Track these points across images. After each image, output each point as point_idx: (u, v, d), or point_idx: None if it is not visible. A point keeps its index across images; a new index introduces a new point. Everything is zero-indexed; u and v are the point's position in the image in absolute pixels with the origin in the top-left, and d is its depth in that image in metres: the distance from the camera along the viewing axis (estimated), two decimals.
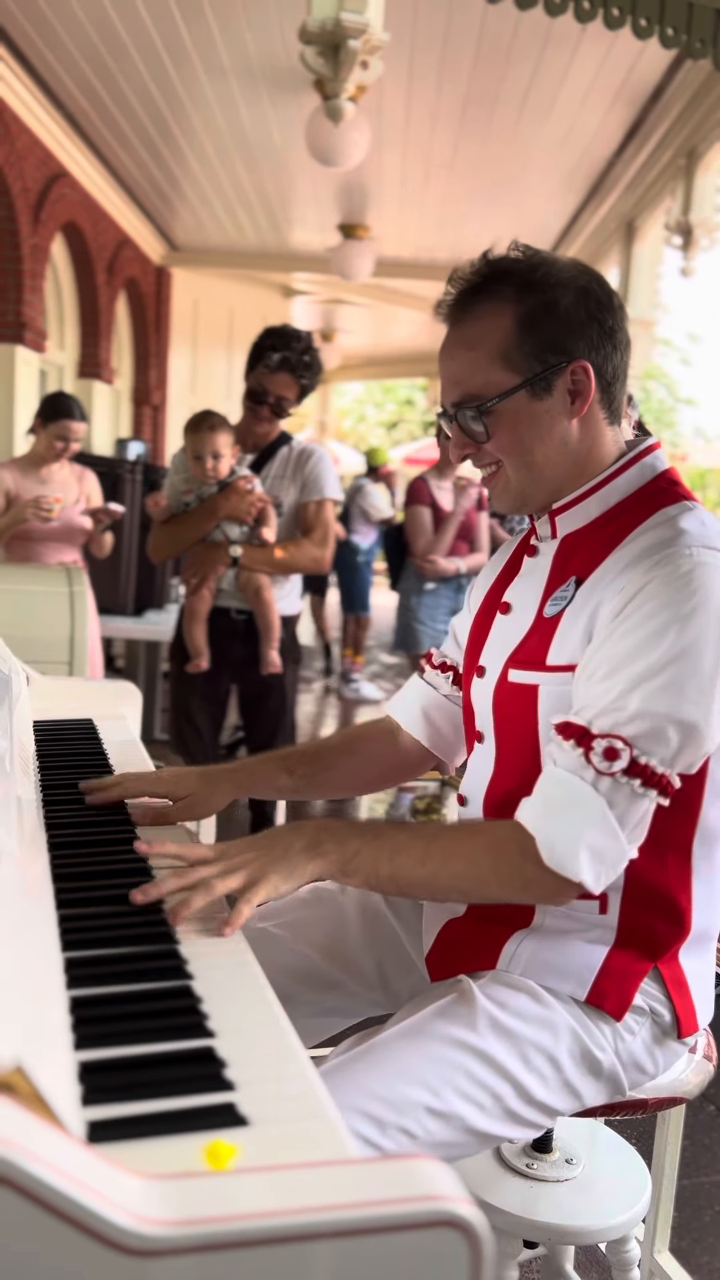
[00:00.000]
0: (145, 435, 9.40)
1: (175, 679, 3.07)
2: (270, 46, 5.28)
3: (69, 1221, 0.51)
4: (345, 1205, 0.54)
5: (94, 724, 1.77)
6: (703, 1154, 2.39)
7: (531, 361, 1.17)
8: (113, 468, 4.95)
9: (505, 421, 1.19)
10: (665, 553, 1.09)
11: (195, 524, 2.87)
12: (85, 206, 7.45)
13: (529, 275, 1.18)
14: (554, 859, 1.06)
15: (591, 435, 1.22)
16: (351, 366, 15.04)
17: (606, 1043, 1.18)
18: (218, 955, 0.95)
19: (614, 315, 1.20)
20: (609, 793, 1.05)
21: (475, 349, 1.19)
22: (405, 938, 1.38)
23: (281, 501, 2.93)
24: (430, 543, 4.61)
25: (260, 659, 2.92)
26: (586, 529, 1.22)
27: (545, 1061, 1.15)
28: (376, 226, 8.28)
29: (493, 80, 5.56)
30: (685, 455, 23.35)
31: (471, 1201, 0.55)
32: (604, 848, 1.06)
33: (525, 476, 1.22)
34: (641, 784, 1.05)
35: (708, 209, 6.17)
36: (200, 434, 2.80)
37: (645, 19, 2.79)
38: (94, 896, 1.04)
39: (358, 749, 1.50)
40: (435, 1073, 1.09)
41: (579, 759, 1.06)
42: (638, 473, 1.22)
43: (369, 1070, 1.08)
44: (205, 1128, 0.68)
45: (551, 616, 1.19)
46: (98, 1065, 0.75)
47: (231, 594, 2.93)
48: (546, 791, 1.09)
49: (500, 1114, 1.12)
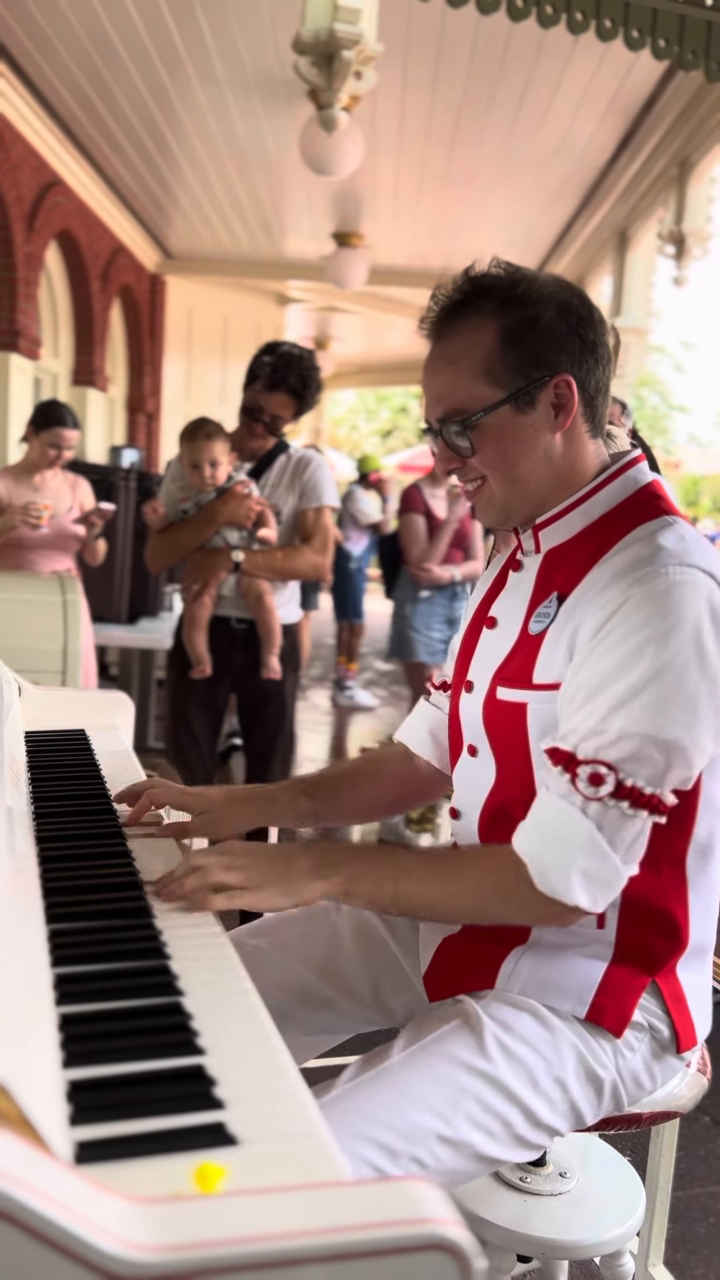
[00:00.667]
0: (139, 443, 9.40)
1: (173, 687, 3.06)
2: (264, 56, 5.29)
3: (55, 1248, 0.50)
4: (335, 1229, 0.54)
5: (86, 734, 1.76)
6: (698, 1165, 2.38)
7: (514, 376, 1.17)
8: (107, 475, 4.96)
9: (490, 436, 1.19)
10: (643, 571, 1.09)
11: (194, 531, 2.86)
12: (80, 214, 7.45)
13: (510, 291, 1.18)
14: (546, 884, 1.06)
15: (574, 448, 1.22)
16: (346, 374, 15.06)
17: (608, 1060, 1.18)
18: (209, 971, 0.94)
19: (595, 330, 1.21)
20: (597, 816, 1.05)
21: (458, 364, 1.19)
22: (401, 955, 1.37)
23: (280, 509, 2.92)
24: (424, 551, 4.61)
25: (261, 665, 2.91)
26: (569, 543, 1.22)
27: (554, 1084, 1.14)
28: (370, 235, 8.30)
29: (486, 90, 5.58)
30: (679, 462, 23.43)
31: (462, 1224, 0.55)
32: (596, 870, 1.06)
33: (509, 490, 1.22)
34: (630, 805, 1.05)
35: (700, 219, 6.19)
36: (196, 442, 2.80)
37: (637, 30, 2.80)
38: (85, 911, 1.04)
39: (376, 773, 1.49)
40: (446, 1099, 1.08)
41: (566, 785, 1.07)
42: (620, 486, 1.22)
43: (378, 1098, 1.07)
44: (195, 1147, 0.68)
45: (536, 634, 1.19)
46: (86, 1084, 0.74)
47: (232, 602, 2.92)
48: (538, 817, 1.10)
49: (509, 1139, 1.12)
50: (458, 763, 1.33)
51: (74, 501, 3.95)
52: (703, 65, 2.96)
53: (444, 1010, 1.18)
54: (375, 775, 1.49)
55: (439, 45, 5.08)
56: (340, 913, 1.41)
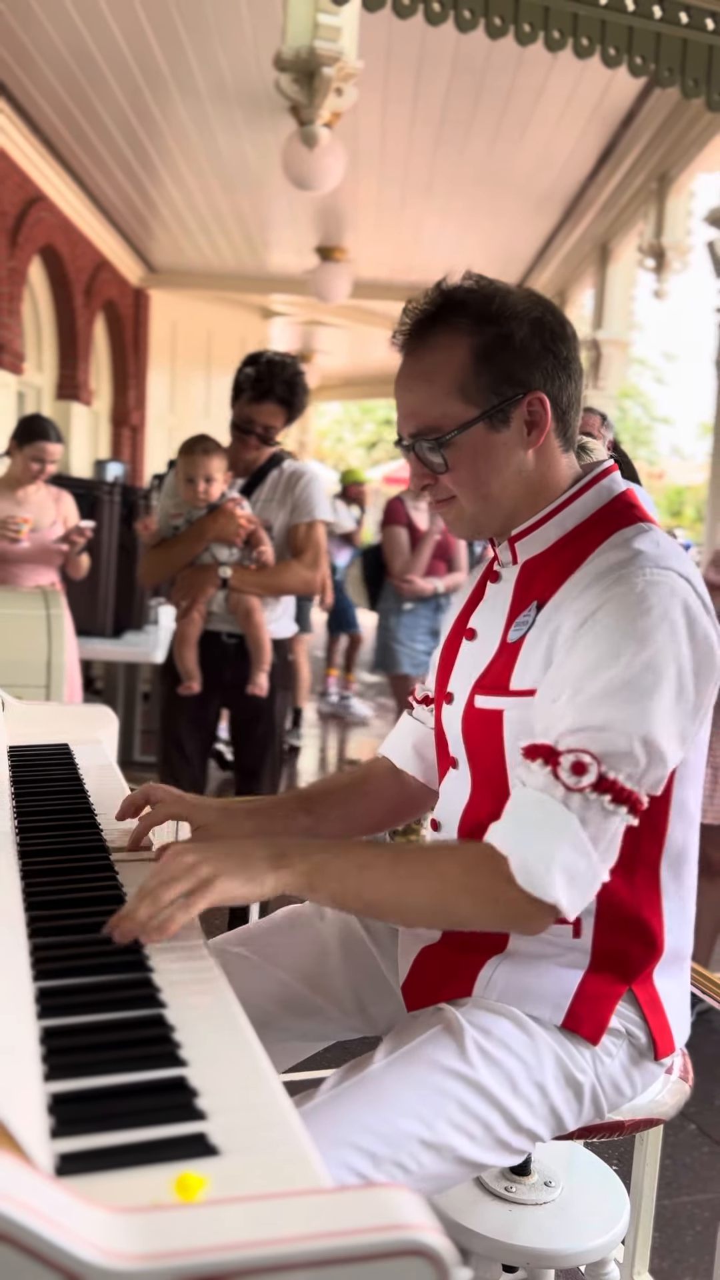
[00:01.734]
0: (124, 456, 9.40)
1: (164, 703, 3.05)
2: (246, 72, 5.33)
3: (37, 1258, 0.51)
4: (314, 1236, 0.54)
5: (70, 749, 1.76)
6: (684, 1173, 2.38)
7: (488, 394, 1.18)
8: (91, 489, 4.95)
9: (463, 454, 1.20)
10: (620, 574, 1.10)
11: (184, 547, 2.87)
12: (63, 229, 7.47)
13: (484, 307, 1.19)
14: (528, 880, 1.04)
15: (546, 463, 1.23)
16: (330, 387, 15.11)
17: (587, 1066, 1.18)
18: (191, 983, 0.94)
19: (568, 345, 1.21)
20: (580, 810, 1.04)
21: (432, 381, 1.20)
22: (383, 964, 1.37)
23: (271, 524, 2.93)
24: (407, 563, 4.63)
25: (248, 680, 2.91)
26: (546, 554, 1.23)
27: (533, 1088, 1.14)
28: (353, 249, 8.34)
29: (466, 106, 5.63)
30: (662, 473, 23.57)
31: (440, 1229, 0.56)
32: (578, 868, 1.04)
33: (480, 507, 1.23)
34: (611, 800, 1.05)
35: (679, 232, 6.26)
36: (194, 457, 2.81)
37: (614, 48, 2.83)
38: (67, 925, 1.04)
39: (367, 788, 1.49)
40: (427, 1103, 1.09)
41: (547, 777, 1.06)
42: (594, 496, 1.23)
43: (361, 1104, 1.07)
44: (176, 1158, 0.68)
45: (514, 642, 1.20)
46: (69, 1096, 0.75)
47: (223, 617, 2.92)
48: (516, 812, 1.08)
49: (491, 1143, 1.12)
50: (444, 776, 1.34)
51: (57, 516, 3.96)
52: (679, 82, 3.00)
53: (425, 1017, 1.19)
54: (365, 791, 1.49)
55: (419, 62, 5.12)
56: (325, 921, 1.42)
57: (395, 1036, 1.17)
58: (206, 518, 2.84)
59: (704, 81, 2.95)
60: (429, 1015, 1.19)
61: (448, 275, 1.23)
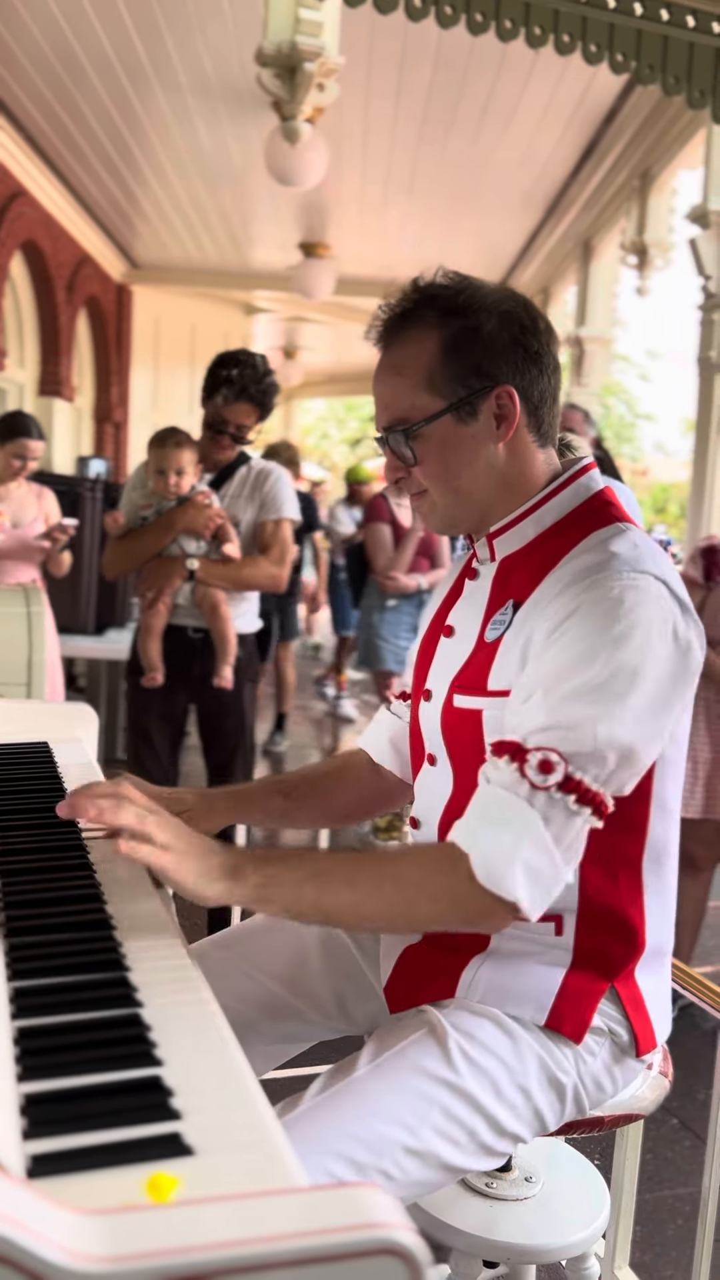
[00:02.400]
0: (107, 453, 9.36)
1: (132, 698, 3.05)
2: (227, 67, 5.31)
3: (3, 1261, 0.50)
4: (285, 1235, 0.54)
5: (49, 747, 1.75)
6: (665, 1168, 2.39)
7: (455, 386, 1.18)
8: (73, 486, 4.93)
9: (432, 446, 1.20)
10: (596, 576, 1.09)
11: (152, 538, 2.86)
12: (44, 225, 7.43)
13: (453, 300, 1.19)
14: (488, 876, 1.03)
15: (520, 459, 1.22)
16: (314, 384, 15.09)
17: (569, 1065, 1.18)
18: (168, 982, 0.94)
19: (539, 339, 1.21)
20: (544, 808, 1.03)
21: (402, 374, 1.20)
22: (365, 965, 1.37)
23: (239, 520, 2.93)
24: (391, 559, 4.62)
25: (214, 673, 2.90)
26: (523, 551, 1.22)
27: (517, 1092, 1.14)
28: (337, 245, 8.33)
29: (449, 102, 5.63)
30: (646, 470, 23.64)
31: (412, 1228, 0.55)
32: (539, 866, 1.03)
33: (451, 500, 1.23)
34: (576, 801, 1.04)
35: (662, 229, 6.28)
36: (165, 449, 2.81)
37: (595, 45, 2.83)
38: (44, 924, 1.03)
39: (343, 778, 1.50)
40: (412, 1110, 1.08)
41: (513, 774, 1.05)
42: (572, 494, 1.23)
43: (345, 1111, 1.07)
44: (151, 1158, 0.67)
45: (491, 641, 1.20)
46: (42, 1097, 0.74)
47: (189, 611, 2.92)
48: (479, 809, 1.07)
49: (474, 1148, 1.12)
50: (419, 772, 1.33)
51: (40, 512, 3.94)
52: (660, 79, 3.00)
53: (408, 1021, 1.19)
54: (342, 780, 1.50)
55: (401, 57, 5.12)
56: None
57: (378, 1040, 1.17)
58: (176, 509, 2.84)
59: (684, 79, 2.95)
60: (412, 1018, 1.19)
61: (423, 272, 1.24)
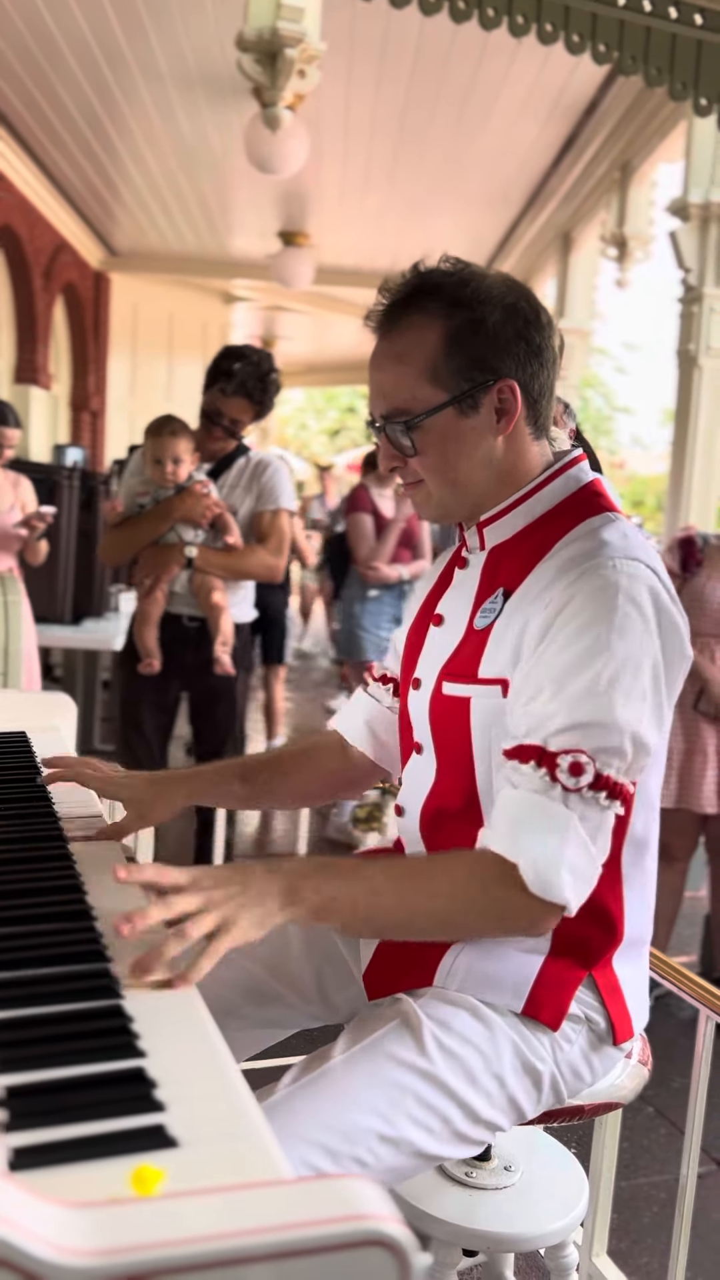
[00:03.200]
0: (84, 441, 9.30)
1: (124, 686, 3.05)
2: (208, 53, 5.27)
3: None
4: (274, 1228, 0.54)
5: (27, 737, 1.74)
6: (641, 1155, 2.41)
7: (458, 379, 1.18)
8: (50, 474, 4.89)
9: (432, 438, 1.19)
10: (588, 565, 1.10)
11: (150, 525, 2.86)
12: (21, 210, 7.36)
13: (458, 291, 1.18)
14: (539, 884, 1.04)
15: (516, 450, 1.23)
16: (293, 374, 15.01)
17: (546, 1053, 1.19)
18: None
19: (541, 332, 1.21)
20: (580, 809, 1.05)
21: (403, 363, 1.19)
22: (346, 951, 1.37)
23: (236, 510, 2.94)
24: (373, 550, 4.62)
25: (213, 663, 2.90)
26: (513, 540, 1.23)
27: (490, 1079, 1.15)
28: (316, 234, 8.30)
29: (430, 91, 5.61)
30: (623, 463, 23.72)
31: (400, 1220, 0.55)
32: (582, 865, 1.05)
33: (448, 492, 1.23)
34: (607, 796, 1.06)
35: (641, 221, 6.29)
36: (162, 438, 2.81)
37: (578, 35, 2.83)
38: (23, 915, 1.02)
39: (309, 760, 1.49)
40: (386, 1099, 1.09)
41: (543, 779, 1.05)
42: (562, 484, 1.23)
43: (319, 1100, 1.07)
44: (134, 1150, 0.67)
45: (482, 629, 1.20)
46: (24, 1089, 0.73)
47: (184, 599, 2.92)
48: (516, 816, 1.07)
49: (449, 1136, 1.13)
50: (407, 762, 1.33)
51: (15, 500, 3.90)
52: (642, 70, 3.00)
53: (383, 1010, 1.19)
54: (308, 762, 1.49)
55: (383, 45, 5.09)
56: None
57: (354, 1030, 1.17)
58: (174, 497, 2.84)
59: (666, 70, 2.95)
60: (387, 1007, 1.19)
61: (424, 258, 1.23)
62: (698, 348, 5.22)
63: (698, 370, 5.24)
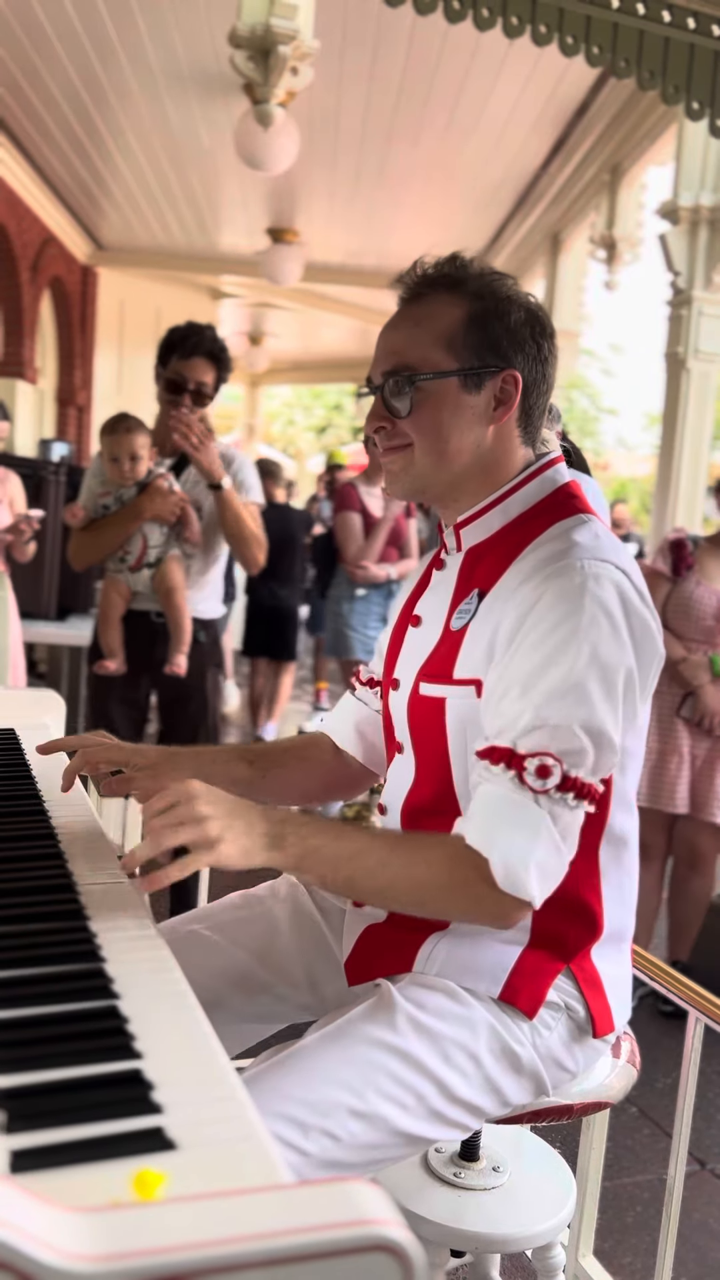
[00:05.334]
0: (70, 436, 9.26)
1: (94, 683, 3.02)
2: (199, 49, 5.25)
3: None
4: (277, 1233, 0.53)
5: (16, 734, 1.73)
6: (625, 1155, 2.42)
7: (470, 355, 1.21)
8: (36, 469, 4.86)
9: (429, 401, 1.21)
10: (557, 565, 1.12)
11: (118, 527, 2.83)
12: (9, 203, 7.31)
13: (487, 283, 1.23)
14: (507, 881, 1.07)
15: (503, 448, 1.25)
16: (280, 370, 15.00)
17: (525, 1038, 1.20)
18: (145, 974, 0.93)
19: (550, 345, 1.26)
20: (550, 808, 1.07)
21: (420, 326, 1.22)
22: (334, 942, 1.38)
23: (202, 505, 2.90)
24: (361, 549, 4.61)
25: (169, 661, 2.87)
26: (489, 541, 1.25)
27: (466, 1058, 1.15)
28: (306, 231, 8.28)
29: (421, 90, 5.61)
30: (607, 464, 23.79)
31: (403, 1224, 0.55)
32: (551, 864, 1.08)
33: (431, 462, 1.23)
34: (575, 797, 1.08)
35: (631, 224, 6.30)
36: (117, 436, 2.78)
37: (571, 37, 2.83)
38: (16, 914, 1.02)
39: (307, 756, 1.50)
40: (356, 1073, 1.09)
41: (512, 781, 1.07)
42: (538, 486, 1.25)
43: (289, 1075, 1.08)
44: (133, 1153, 0.67)
45: (457, 630, 1.22)
46: (21, 1091, 0.73)
47: (150, 596, 2.89)
48: (489, 812, 1.09)
49: (425, 1113, 1.13)
50: (391, 761, 1.35)
51: (3, 496, 3.88)
52: (634, 73, 3.00)
53: (362, 994, 1.21)
54: (305, 759, 1.50)
55: (375, 43, 5.09)
56: (277, 899, 1.43)
57: (331, 1014, 1.19)
58: (142, 496, 2.80)
59: (659, 74, 2.96)
60: (364, 991, 1.21)
61: (462, 250, 1.28)
62: (686, 351, 5.24)
63: (685, 373, 5.26)
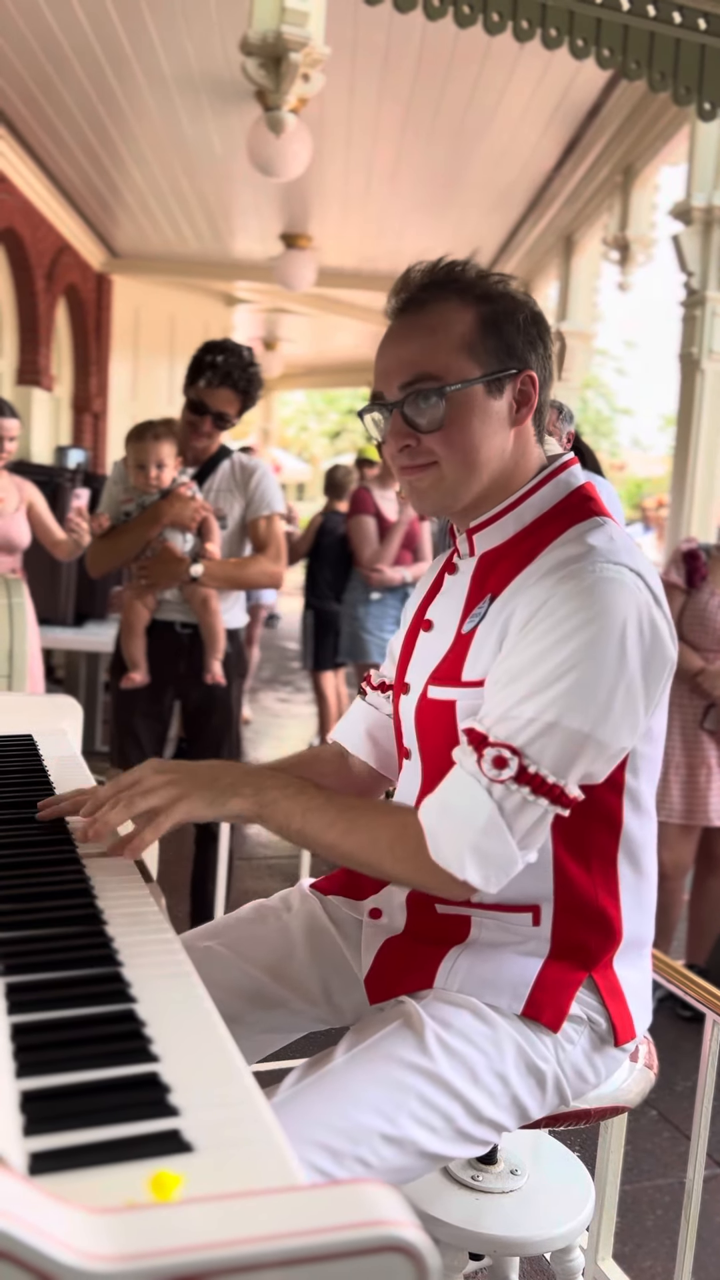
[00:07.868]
0: (86, 443, 9.30)
1: (117, 694, 3.02)
2: (211, 56, 5.27)
3: (11, 1260, 0.50)
4: (292, 1234, 0.54)
5: (34, 739, 1.74)
6: (645, 1159, 2.41)
7: (491, 359, 1.19)
8: (52, 476, 4.90)
9: (461, 411, 1.17)
10: (571, 568, 1.11)
11: (138, 533, 2.83)
12: (24, 212, 7.36)
13: (490, 286, 1.22)
14: (440, 856, 1.09)
15: (521, 449, 1.24)
16: (294, 375, 15.04)
17: (549, 1054, 1.19)
18: (162, 977, 0.93)
19: (549, 340, 1.25)
20: (500, 799, 1.07)
21: (437, 334, 1.18)
22: (349, 954, 1.37)
23: (225, 514, 2.92)
24: (376, 552, 4.62)
25: (204, 670, 2.90)
26: (503, 547, 1.23)
27: (494, 1079, 1.15)
28: (318, 237, 8.30)
29: (433, 95, 5.62)
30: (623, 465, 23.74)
31: (418, 1225, 0.55)
32: (491, 851, 1.08)
33: (463, 475, 1.20)
34: (531, 792, 1.07)
35: (644, 225, 6.29)
36: (144, 443, 2.78)
37: (582, 39, 2.83)
38: (35, 919, 1.03)
39: (313, 770, 1.48)
40: (388, 1098, 1.09)
41: (474, 764, 1.09)
42: (553, 489, 1.24)
43: (322, 1101, 1.08)
44: (150, 1155, 0.67)
45: (468, 633, 1.21)
46: (40, 1094, 0.74)
47: (175, 606, 2.90)
48: (445, 792, 1.12)
49: (452, 1135, 1.13)
50: (401, 768, 1.34)
51: (21, 501, 3.90)
52: (645, 75, 3.00)
53: (386, 1012, 1.20)
54: (309, 773, 1.49)
55: (386, 49, 5.10)
56: (291, 913, 1.42)
57: (357, 1031, 1.18)
58: (162, 501, 2.81)
59: (671, 75, 2.96)
60: (390, 1009, 1.20)
61: (450, 253, 1.27)
62: (700, 351, 5.22)
63: (700, 374, 5.24)
